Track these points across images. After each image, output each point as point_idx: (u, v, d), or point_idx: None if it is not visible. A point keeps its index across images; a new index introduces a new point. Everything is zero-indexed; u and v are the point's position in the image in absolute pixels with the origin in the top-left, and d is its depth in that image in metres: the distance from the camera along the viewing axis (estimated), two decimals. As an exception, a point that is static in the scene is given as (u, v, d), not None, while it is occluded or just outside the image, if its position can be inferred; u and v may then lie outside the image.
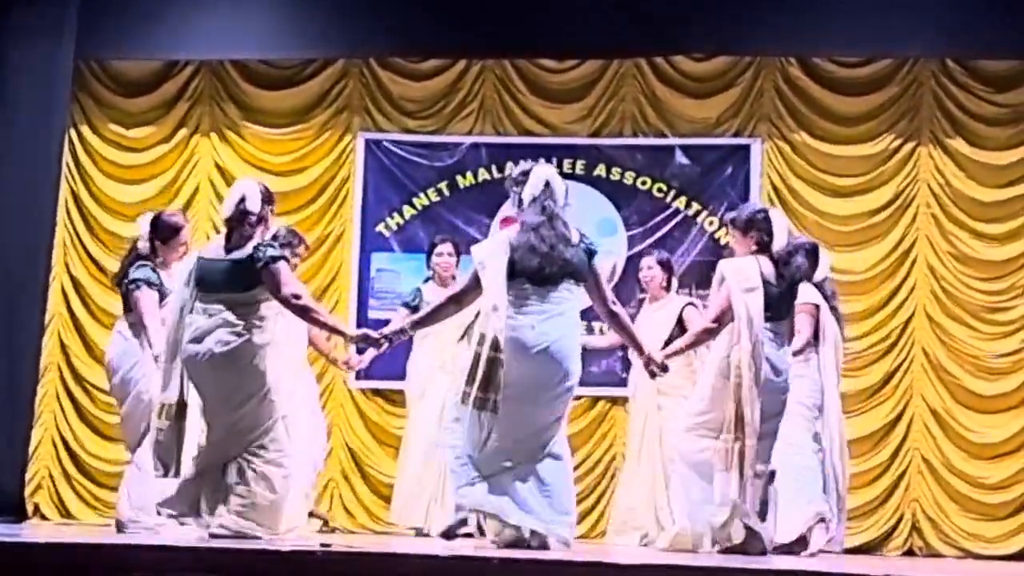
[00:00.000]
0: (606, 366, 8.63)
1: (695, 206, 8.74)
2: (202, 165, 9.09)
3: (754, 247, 6.39)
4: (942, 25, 8.39)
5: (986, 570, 7.49)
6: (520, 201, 5.98)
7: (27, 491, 8.57)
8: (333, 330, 6.45)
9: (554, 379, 5.81)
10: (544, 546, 5.81)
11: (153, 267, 6.79)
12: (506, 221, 8.88)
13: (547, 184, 5.94)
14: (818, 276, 7.04)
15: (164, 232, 6.83)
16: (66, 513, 8.80)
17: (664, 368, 6.33)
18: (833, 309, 7.10)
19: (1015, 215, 8.53)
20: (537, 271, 5.81)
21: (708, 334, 6.42)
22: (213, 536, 5.86)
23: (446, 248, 7.93)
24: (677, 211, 8.73)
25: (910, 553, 8.39)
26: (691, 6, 8.51)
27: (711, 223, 8.69)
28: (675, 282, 7.72)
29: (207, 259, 6.03)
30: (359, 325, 8.72)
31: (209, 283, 5.97)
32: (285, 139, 9.09)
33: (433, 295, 7.57)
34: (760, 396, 6.16)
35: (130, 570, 5.03)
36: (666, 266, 7.68)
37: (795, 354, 6.71)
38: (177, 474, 6.01)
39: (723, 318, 6.31)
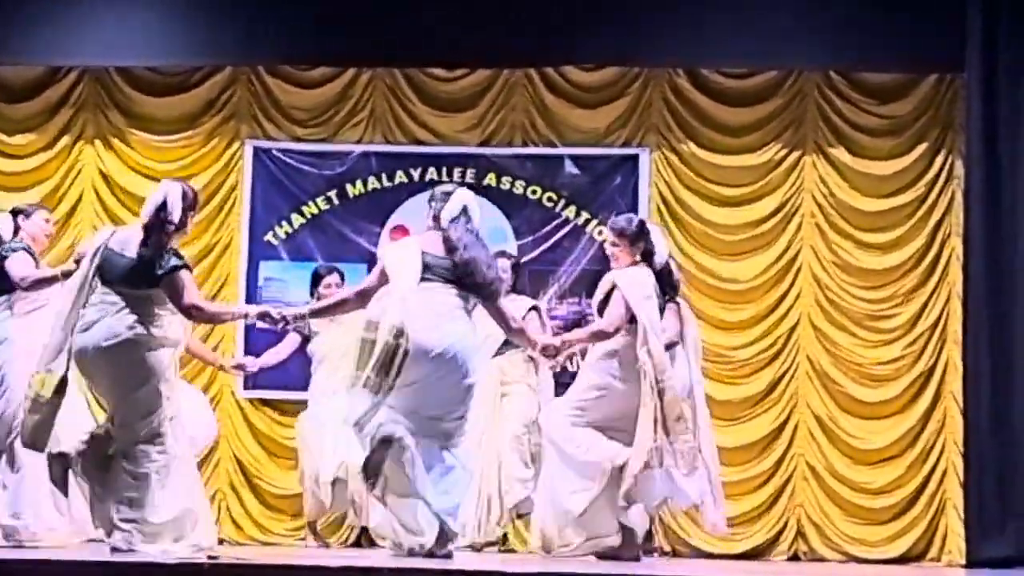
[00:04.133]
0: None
1: (584, 215, 8.79)
2: (86, 172, 8.94)
3: (639, 257, 6.61)
4: (826, 38, 8.53)
5: (869, 573, 7.63)
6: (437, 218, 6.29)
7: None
8: (235, 316, 6.63)
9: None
10: None
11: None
12: (397, 230, 8.87)
13: (465, 209, 6.28)
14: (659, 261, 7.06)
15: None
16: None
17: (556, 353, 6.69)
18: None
19: (896, 225, 8.70)
20: (457, 280, 6.10)
21: (599, 336, 6.58)
22: (115, 550, 5.81)
23: (334, 279, 8.01)
24: (567, 220, 8.77)
25: (795, 558, 8.50)
26: (580, 17, 8.56)
27: (600, 232, 8.73)
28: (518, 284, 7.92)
29: (113, 250, 6.02)
30: (247, 334, 8.67)
31: (109, 274, 5.98)
32: (171, 146, 8.97)
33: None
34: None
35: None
36: (514, 268, 7.86)
37: (668, 347, 6.80)
38: (42, 450, 5.95)
39: (620, 326, 6.48)
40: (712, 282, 8.68)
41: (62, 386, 5.88)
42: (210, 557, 5.52)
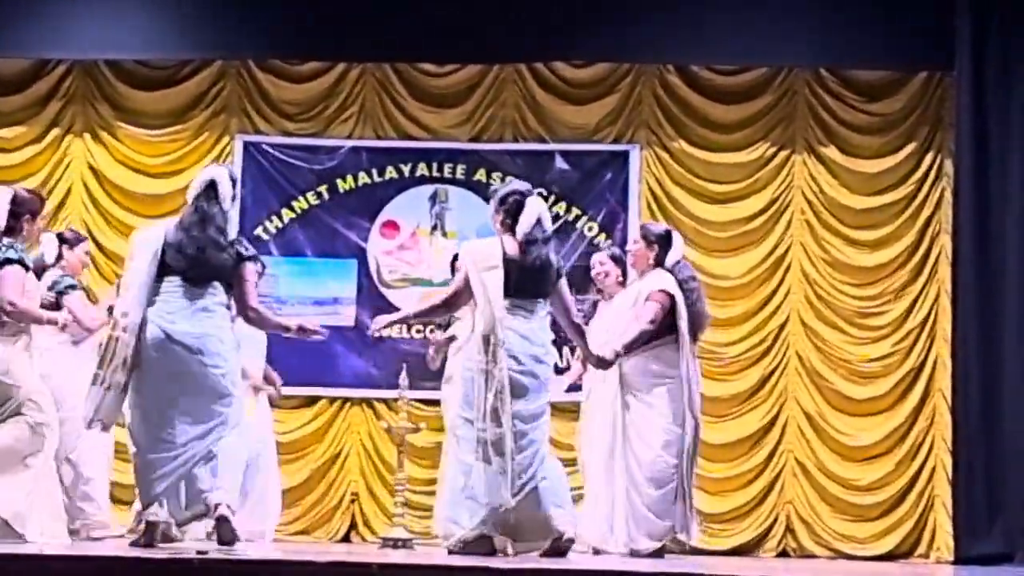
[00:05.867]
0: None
1: (575, 211, 8.79)
2: (75, 166, 8.92)
3: (499, 226, 6.39)
4: (816, 35, 8.55)
5: (857, 570, 7.64)
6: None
7: None
8: (46, 320, 6.48)
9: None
10: None
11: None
12: (387, 225, 8.87)
13: (211, 184, 6.01)
14: (670, 260, 7.05)
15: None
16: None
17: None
18: (689, 292, 6.95)
19: (886, 222, 8.72)
20: (185, 271, 5.91)
21: (435, 310, 6.50)
22: None
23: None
24: (557, 216, 8.75)
25: (784, 554, 8.52)
26: (571, 13, 8.56)
27: (590, 228, 8.75)
28: (631, 274, 7.34)
29: None
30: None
31: None
32: (161, 140, 8.95)
33: None
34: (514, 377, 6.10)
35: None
36: (619, 261, 7.45)
37: (630, 346, 6.70)
38: None
39: (457, 298, 6.28)
40: (702, 278, 8.60)
41: None
42: (199, 552, 5.51)
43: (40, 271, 6.98)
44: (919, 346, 8.60)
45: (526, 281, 6.19)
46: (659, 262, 6.99)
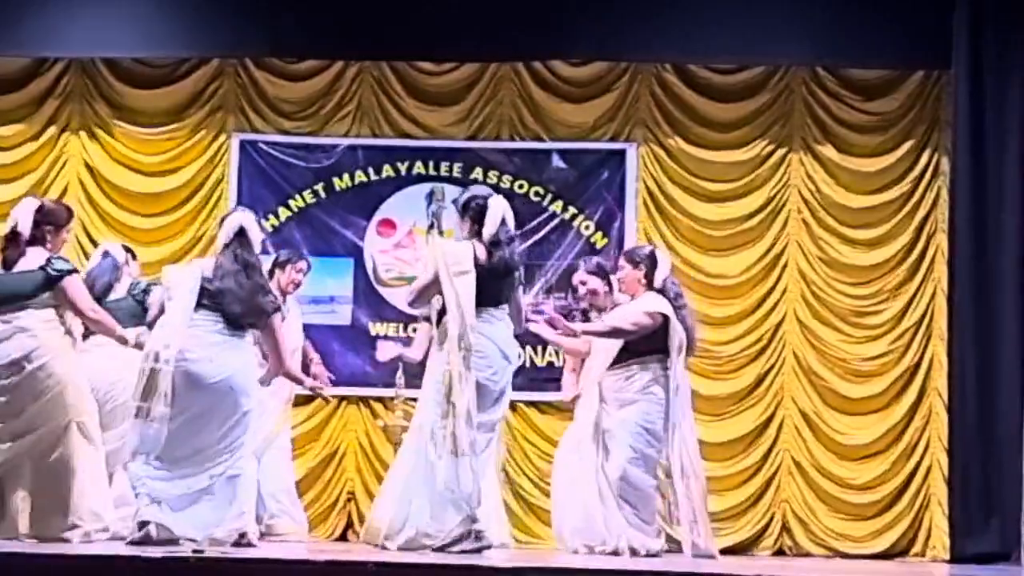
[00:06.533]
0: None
1: (571, 210, 8.79)
2: (72, 164, 8.91)
3: (467, 233, 6.51)
4: (813, 34, 8.54)
5: (853, 568, 7.65)
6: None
7: None
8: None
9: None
10: None
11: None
12: (384, 224, 8.86)
13: (240, 230, 6.28)
14: (658, 279, 7.07)
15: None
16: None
17: None
18: (679, 308, 7.06)
19: (882, 221, 8.72)
20: (227, 312, 6.17)
21: (411, 304, 6.64)
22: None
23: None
24: (554, 215, 8.77)
25: (780, 553, 8.53)
26: (569, 11, 8.56)
27: (587, 227, 8.76)
28: (615, 284, 7.36)
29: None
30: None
31: None
32: (158, 139, 8.95)
33: None
34: (475, 380, 6.23)
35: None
36: (599, 271, 7.44)
37: (593, 333, 6.87)
38: None
39: (424, 293, 6.41)
40: (699, 277, 8.70)
41: None
42: (195, 551, 5.53)
43: (114, 279, 7.21)
44: (915, 345, 8.61)
45: (491, 286, 6.37)
46: (649, 282, 7.04)
